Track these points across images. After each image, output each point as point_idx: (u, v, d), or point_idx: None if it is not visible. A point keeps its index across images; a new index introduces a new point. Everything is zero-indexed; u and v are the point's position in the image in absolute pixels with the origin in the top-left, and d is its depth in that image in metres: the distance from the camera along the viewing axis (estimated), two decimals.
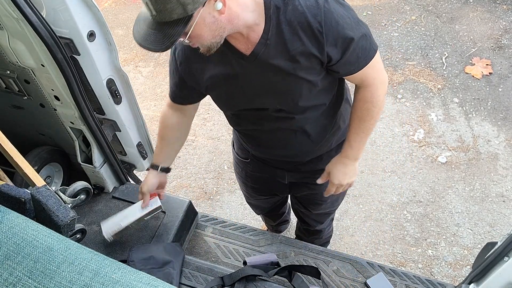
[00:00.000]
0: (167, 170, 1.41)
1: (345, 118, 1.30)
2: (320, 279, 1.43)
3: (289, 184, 1.46)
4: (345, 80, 1.21)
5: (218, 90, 1.13)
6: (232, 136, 1.57)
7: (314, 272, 1.42)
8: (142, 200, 1.43)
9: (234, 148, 1.55)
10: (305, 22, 0.94)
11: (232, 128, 1.43)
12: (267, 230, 2.25)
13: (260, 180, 1.54)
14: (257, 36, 0.97)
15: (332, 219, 1.84)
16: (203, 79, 1.10)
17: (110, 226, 1.47)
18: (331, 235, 1.98)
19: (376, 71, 1.09)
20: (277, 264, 1.49)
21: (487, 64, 3.03)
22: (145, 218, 1.48)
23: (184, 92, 1.21)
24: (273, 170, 1.42)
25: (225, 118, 1.33)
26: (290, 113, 1.13)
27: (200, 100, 1.27)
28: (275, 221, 2.03)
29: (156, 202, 1.47)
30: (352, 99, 1.20)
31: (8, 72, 1.49)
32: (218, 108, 1.42)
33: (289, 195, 1.78)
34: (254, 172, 1.50)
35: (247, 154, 1.45)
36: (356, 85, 1.15)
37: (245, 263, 1.49)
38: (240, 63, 1.03)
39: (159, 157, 1.39)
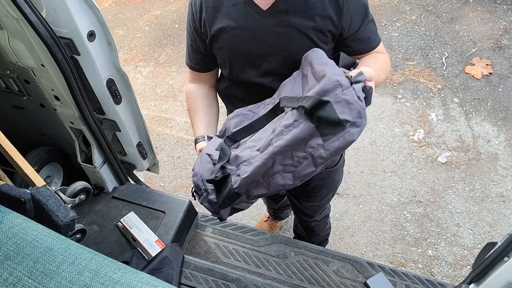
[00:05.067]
0: None
1: None
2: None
3: None
4: None
5: (223, 44, 1.12)
6: None
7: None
8: None
9: None
10: None
11: None
12: (268, 218, 2.24)
13: None
14: None
15: (327, 216, 1.84)
16: (212, 28, 1.10)
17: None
18: (329, 233, 1.97)
19: (384, 50, 1.18)
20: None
21: (487, 64, 3.03)
22: None
23: (199, 55, 1.21)
24: None
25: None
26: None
27: (212, 65, 1.25)
28: (276, 202, 2.03)
29: None
30: None
31: (8, 72, 1.49)
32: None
33: None
34: None
35: None
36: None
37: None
38: (254, 17, 1.04)
39: (200, 129, 1.26)
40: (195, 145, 1.22)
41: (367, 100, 0.91)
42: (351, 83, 0.89)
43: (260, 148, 0.97)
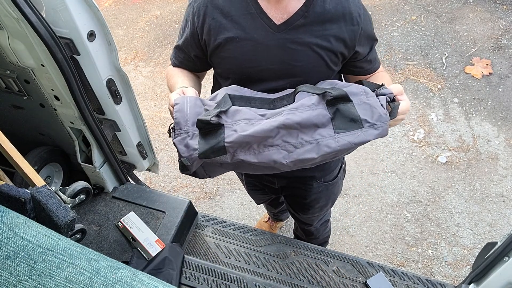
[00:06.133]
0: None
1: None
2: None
3: (280, 188, 1.46)
4: None
5: (229, 54, 1.06)
6: None
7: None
8: None
9: None
10: (348, 9, 1.01)
11: None
12: (268, 219, 2.24)
13: (253, 182, 1.55)
14: (297, 5, 0.99)
15: (327, 221, 1.85)
16: (218, 36, 1.04)
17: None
18: (329, 236, 1.97)
19: (383, 68, 1.23)
20: None
21: (487, 64, 3.03)
22: None
23: (186, 56, 1.15)
24: (262, 176, 1.42)
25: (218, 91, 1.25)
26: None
27: (201, 68, 1.19)
28: (276, 208, 2.03)
29: None
30: None
31: (8, 72, 1.49)
32: None
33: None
34: (247, 177, 1.51)
35: None
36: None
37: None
38: (266, 30, 1.01)
39: (185, 83, 1.13)
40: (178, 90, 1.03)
41: (392, 113, 0.93)
42: (377, 95, 0.92)
43: (265, 115, 0.92)
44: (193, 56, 1.15)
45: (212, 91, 1.30)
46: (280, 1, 0.98)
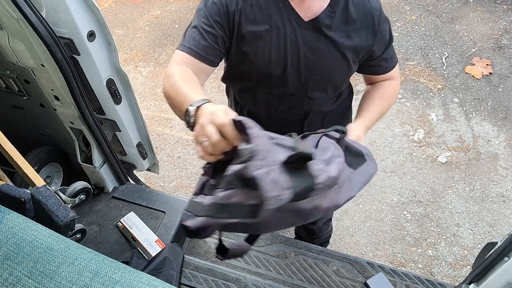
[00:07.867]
0: None
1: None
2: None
3: None
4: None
5: (255, 49, 1.03)
6: None
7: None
8: None
9: None
10: (369, 9, 1.04)
11: None
12: None
13: None
14: (323, 5, 1.01)
15: (330, 219, 1.85)
16: (247, 25, 1.01)
17: None
18: (330, 235, 1.98)
19: (397, 74, 1.23)
20: None
21: (487, 64, 3.03)
22: None
23: (208, 43, 1.01)
24: None
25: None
26: (312, 92, 1.13)
27: (216, 59, 1.05)
28: None
29: None
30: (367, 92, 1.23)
31: (8, 72, 1.49)
32: None
33: None
34: None
35: None
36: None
37: None
38: (294, 27, 1.02)
39: (198, 94, 0.87)
40: (200, 106, 0.79)
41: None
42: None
43: None
44: (211, 44, 1.01)
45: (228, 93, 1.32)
46: (304, 1, 1.00)
